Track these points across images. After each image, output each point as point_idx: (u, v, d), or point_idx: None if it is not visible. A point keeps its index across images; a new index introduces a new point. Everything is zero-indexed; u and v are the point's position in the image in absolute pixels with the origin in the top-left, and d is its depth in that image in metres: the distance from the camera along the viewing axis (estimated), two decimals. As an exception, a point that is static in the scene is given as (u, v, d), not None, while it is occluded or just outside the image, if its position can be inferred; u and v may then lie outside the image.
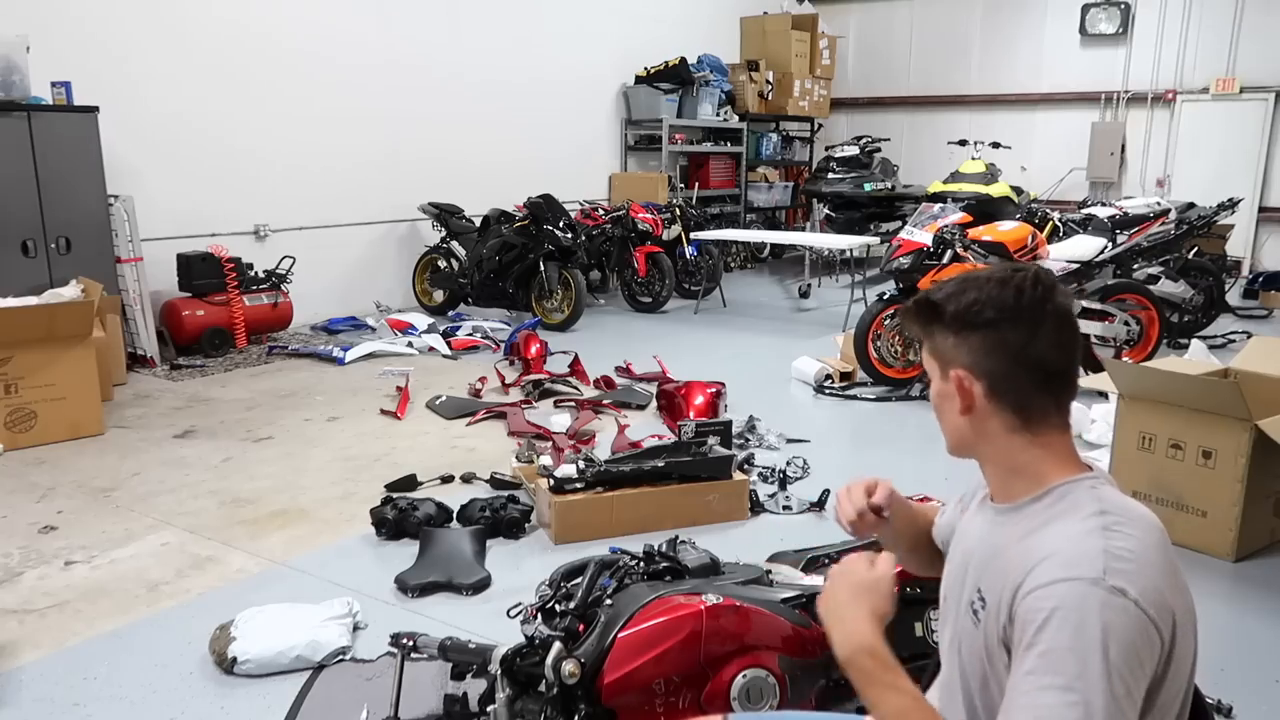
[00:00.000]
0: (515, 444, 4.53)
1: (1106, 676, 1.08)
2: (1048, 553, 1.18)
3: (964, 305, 1.29)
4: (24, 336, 4.56)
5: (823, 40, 11.91)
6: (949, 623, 1.40)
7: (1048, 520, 1.25)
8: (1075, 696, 1.07)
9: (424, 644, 2.12)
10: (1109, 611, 1.11)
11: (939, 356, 1.35)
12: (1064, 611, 1.11)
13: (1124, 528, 1.19)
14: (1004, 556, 1.26)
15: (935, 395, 1.37)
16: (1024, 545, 1.23)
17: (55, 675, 2.66)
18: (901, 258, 5.57)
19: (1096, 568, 1.13)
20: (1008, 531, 1.29)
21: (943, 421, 1.37)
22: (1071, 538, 1.19)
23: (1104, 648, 1.09)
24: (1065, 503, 1.26)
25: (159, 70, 6.57)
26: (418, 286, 8.34)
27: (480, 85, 8.80)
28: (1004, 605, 1.21)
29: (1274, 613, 3.03)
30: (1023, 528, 1.27)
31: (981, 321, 1.29)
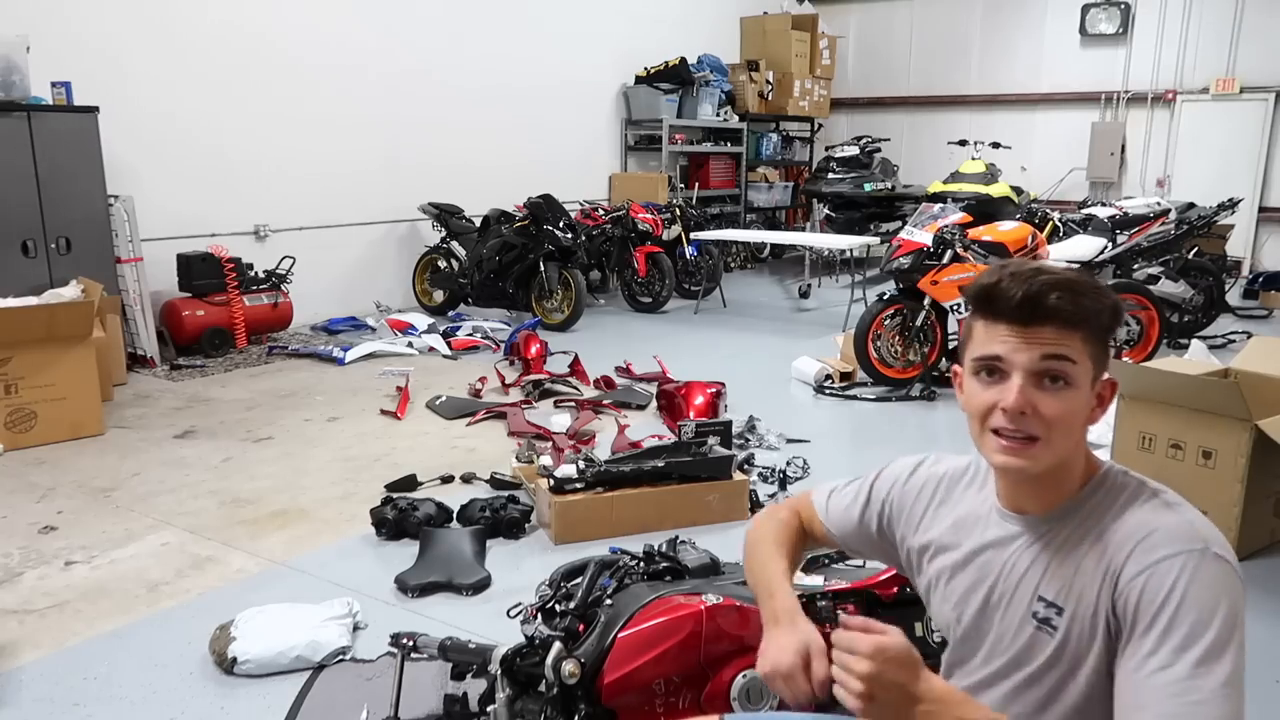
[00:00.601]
0: (515, 444, 4.53)
1: (1238, 641, 1.15)
2: (1140, 534, 1.18)
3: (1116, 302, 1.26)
4: (24, 336, 4.56)
5: (823, 40, 11.92)
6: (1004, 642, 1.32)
7: (1109, 510, 1.24)
8: (1225, 666, 1.14)
9: (424, 644, 2.12)
10: (1226, 578, 1.15)
11: (1099, 363, 1.25)
12: (1189, 585, 1.13)
13: (1182, 501, 1.23)
14: (1074, 558, 1.24)
15: (1075, 407, 1.22)
16: (1100, 538, 1.22)
17: (55, 675, 2.66)
18: (901, 258, 5.58)
19: (1198, 539, 1.16)
20: (1064, 534, 1.26)
21: (1071, 434, 1.23)
22: (1155, 516, 1.20)
23: (1232, 613, 1.14)
24: (1114, 491, 1.26)
25: (159, 71, 6.57)
26: (418, 286, 8.35)
27: (480, 85, 8.80)
28: (1102, 599, 1.19)
29: (1274, 613, 3.03)
30: (1084, 525, 1.25)
31: None
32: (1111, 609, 1.18)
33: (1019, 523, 1.32)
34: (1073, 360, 1.21)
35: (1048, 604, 1.25)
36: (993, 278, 1.24)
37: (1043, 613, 1.26)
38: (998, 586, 1.33)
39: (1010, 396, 1.21)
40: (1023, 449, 1.22)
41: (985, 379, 1.25)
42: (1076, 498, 1.27)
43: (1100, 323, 1.23)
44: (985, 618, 1.35)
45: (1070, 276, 1.23)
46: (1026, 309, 1.20)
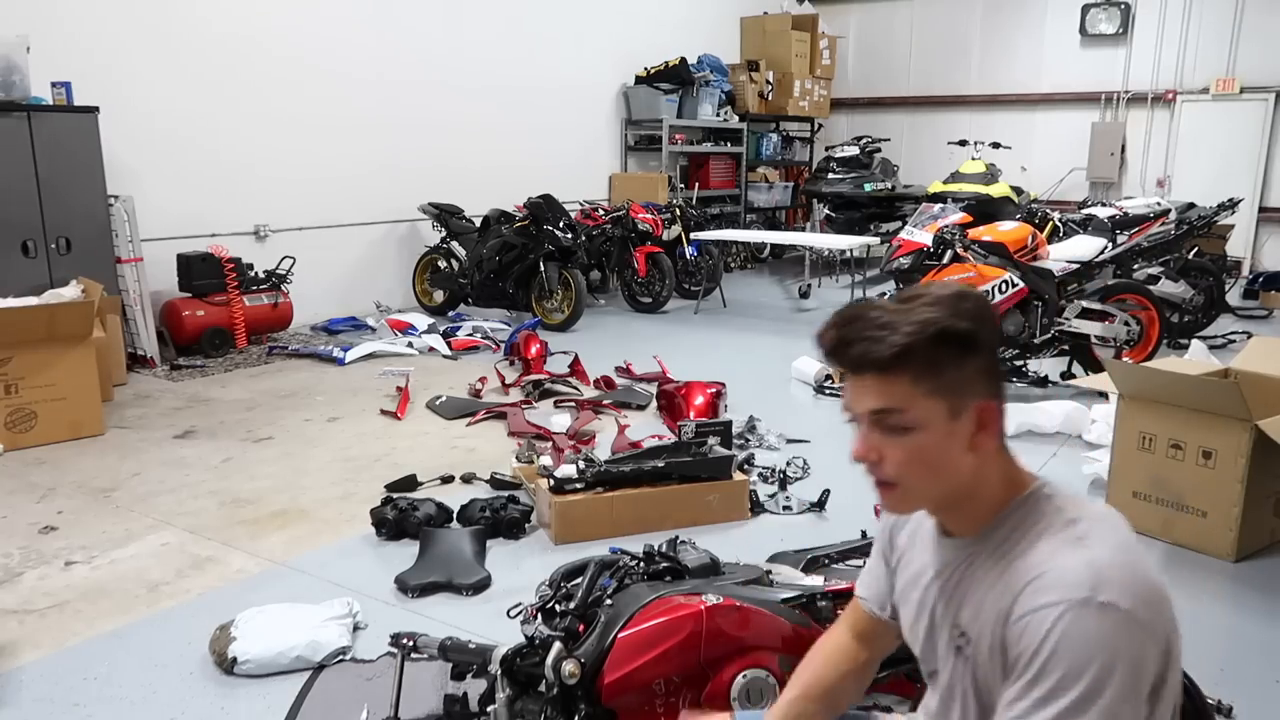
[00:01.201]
0: (515, 444, 4.53)
1: (1110, 698, 1.05)
2: (1032, 575, 1.13)
3: (986, 322, 1.17)
4: (24, 337, 4.56)
5: (823, 40, 11.92)
6: (941, 670, 1.33)
7: (1021, 540, 1.18)
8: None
9: (424, 644, 2.12)
10: (1105, 630, 1.06)
11: (952, 394, 1.16)
12: (1061, 638, 1.07)
13: (1096, 533, 1.14)
14: (982, 586, 1.20)
15: (926, 449, 1.16)
16: (1004, 571, 1.17)
17: (55, 675, 2.66)
18: (901, 258, 5.58)
19: (1085, 585, 1.08)
20: (980, 561, 1.22)
21: (936, 474, 1.18)
22: (1052, 556, 1.13)
23: (1106, 668, 1.05)
24: (1031, 517, 1.20)
25: (159, 71, 6.57)
26: (418, 287, 8.35)
27: (480, 86, 8.80)
28: (995, 636, 1.16)
29: (1274, 613, 3.03)
30: (996, 553, 1.20)
31: (991, 334, 1.19)
32: (1002, 648, 1.15)
33: (949, 546, 1.29)
34: (901, 409, 1.15)
35: (960, 632, 1.23)
36: (824, 327, 1.19)
37: (958, 640, 1.24)
38: (935, 611, 1.30)
39: (854, 446, 1.20)
40: (886, 494, 1.20)
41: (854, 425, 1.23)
42: (993, 522, 1.22)
43: (928, 357, 1.13)
44: (930, 642, 1.33)
45: (879, 318, 1.14)
46: (840, 362, 1.17)
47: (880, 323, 1.13)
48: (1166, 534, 3.49)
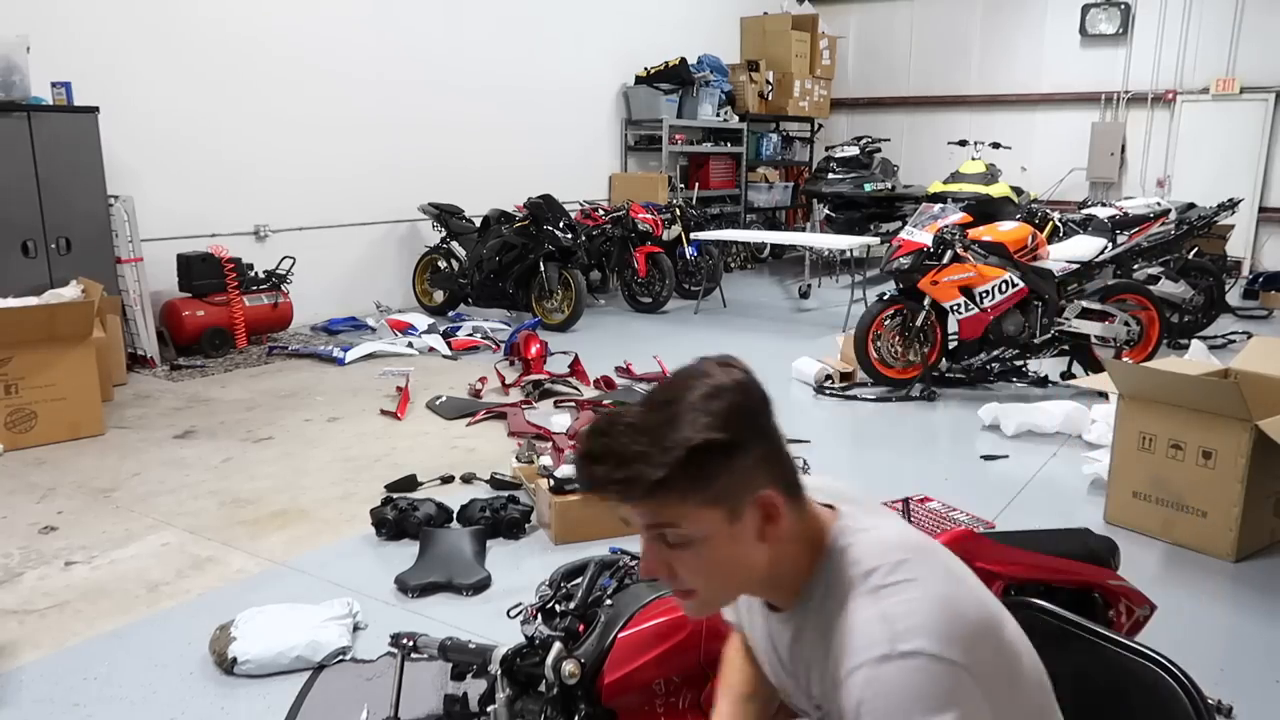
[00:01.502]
0: (515, 444, 4.53)
1: None
2: (841, 642, 1.07)
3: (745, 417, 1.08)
4: (24, 337, 4.56)
5: (823, 40, 11.92)
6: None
7: (832, 605, 1.11)
8: None
9: (424, 644, 2.12)
10: (912, 682, 1.00)
11: (728, 498, 1.08)
12: (867, 702, 1.01)
13: (896, 577, 1.08)
14: (816, 658, 1.15)
15: (714, 557, 1.10)
16: (826, 643, 1.11)
17: (55, 675, 2.66)
18: (902, 258, 5.58)
19: (880, 641, 1.02)
20: (806, 634, 1.17)
21: (731, 577, 1.13)
22: (855, 614, 1.07)
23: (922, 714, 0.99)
24: (834, 578, 1.13)
25: (159, 72, 6.57)
26: (418, 287, 8.35)
27: (480, 86, 8.80)
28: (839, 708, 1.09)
29: (1274, 613, 3.03)
30: (817, 626, 1.14)
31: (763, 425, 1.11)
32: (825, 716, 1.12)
33: (777, 621, 1.24)
34: (675, 525, 1.08)
35: (816, 705, 1.19)
36: (575, 457, 1.13)
37: (817, 713, 1.20)
38: (789, 682, 1.27)
39: (640, 564, 1.16)
40: (687, 601, 1.15)
41: None
42: (803, 594, 1.17)
43: (690, 476, 1.05)
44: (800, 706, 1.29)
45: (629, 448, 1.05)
46: (602, 496, 1.09)
47: (630, 454, 1.05)
48: (1166, 534, 3.49)
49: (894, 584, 1.07)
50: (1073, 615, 1.44)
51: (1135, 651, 1.35)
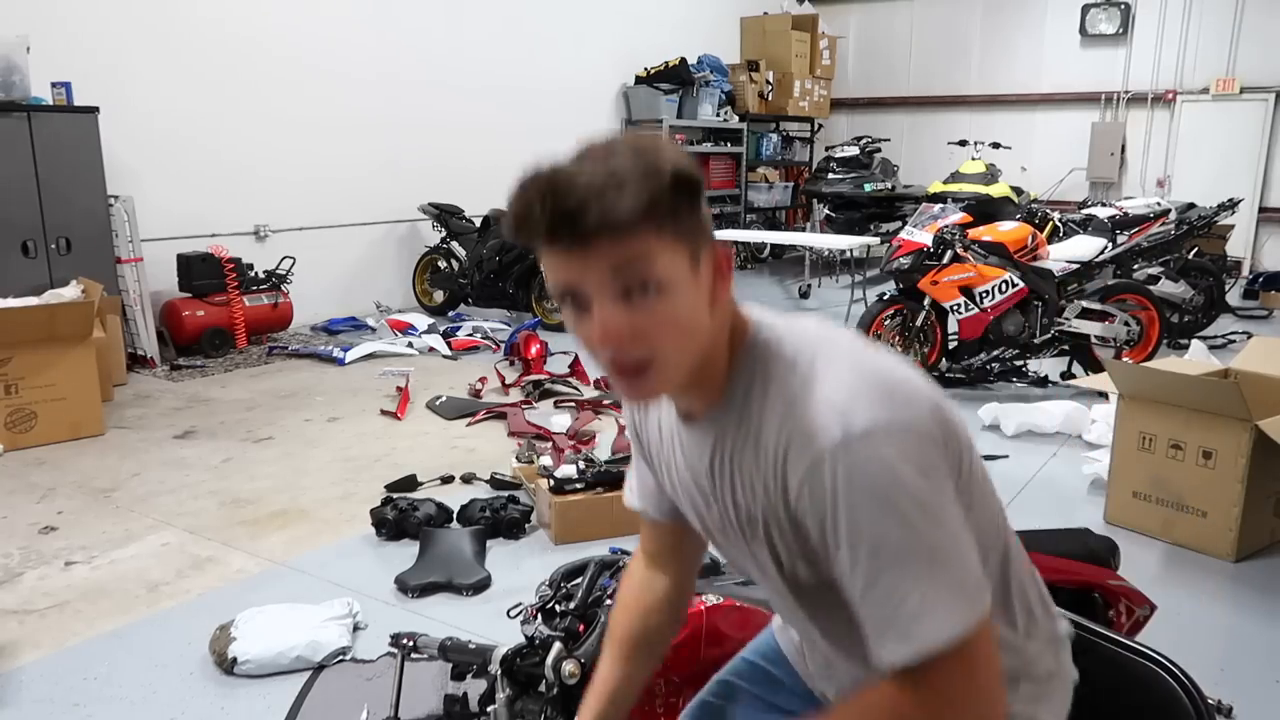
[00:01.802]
0: (515, 444, 4.53)
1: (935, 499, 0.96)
2: (782, 443, 1.00)
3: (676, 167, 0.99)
4: (24, 337, 4.56)
5: (823, 40, 11.91)
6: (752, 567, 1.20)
7: (758, 402, 1.05)
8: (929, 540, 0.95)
9: (424, 644, 2.12)
10: (880, 458, 0.94)
11: (693, 238, 1.01)
12: (844, 494, 0.95)
13: (819, 361, 1.02)
14: (746, 467, 1.07)
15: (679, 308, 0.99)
16: (756, 446, 1.04)
17: (55, 675, 2.66)
18: (902, 258, 5.57)
19: (834, 428, 0.96)
20: (730, 439, 1.08)
21: (690, 338, 1.01)
22: (795, 404, 1.00)
23: (909, 493, 0.95)
24: (758, 372, 1.06)
25: (160, 71, 6.57)
26: (418, 287, 8.35)
27: (480, 86, 8.80)
28: (783, 516, 1.04)
29: (1274, 613, 3.03)
30: (742, 428, 1.06)
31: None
32: (795, 526, 1.03)
33: (694, 432, 1.14)
34: (644, 261, 0.97)
35: (748, 517, 1.10)
36: (519, 204, 1.00)
37: (742, 519, 1.11)
38: (713, 507, 1.16)
39: (595, 330, 0.99)
40: (638, 380, 1.01)
41: (573, 308, 1.02)
42: (727, 389, 1.08)
43: (669, 205, 0.97)
44: (725, 540, 1.20)
45: (602, 174, 0.96)
46: (568, 229, 0.96)
47: (604, 178, 0.96)
48: (1166, 534, 3.49)
49: (823, 366, 1.01)
50: (1073, 615, 1.43)
51: (1135, 651, 1.35)
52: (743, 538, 1.14)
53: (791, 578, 1.11)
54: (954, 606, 0.95)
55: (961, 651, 0.95)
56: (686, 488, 1.20)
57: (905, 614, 0.94)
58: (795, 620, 1.24)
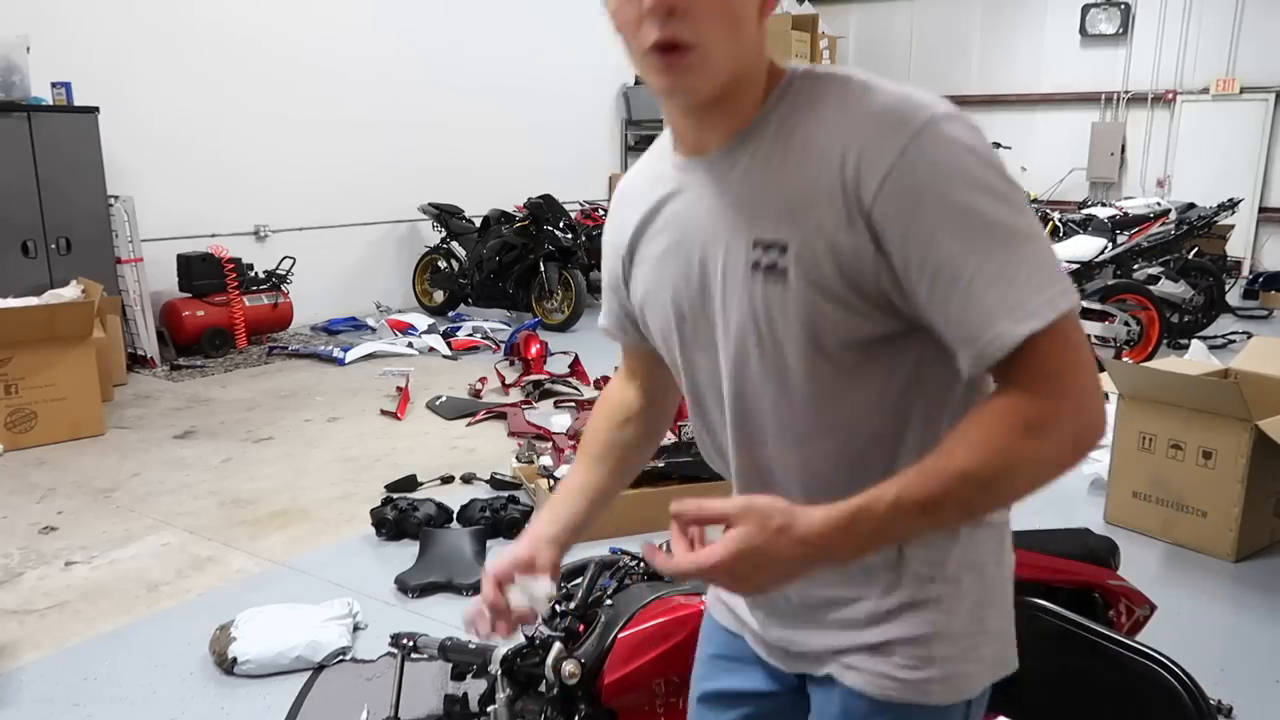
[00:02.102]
0: (515, 444, 4.53)
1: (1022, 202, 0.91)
2: (852, 143, 0.91)
3: None
4: (24, 337, 4.56)
5: (823, 40, 11.91)
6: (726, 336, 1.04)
7: (810, 107, 0.96)
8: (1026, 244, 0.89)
9: (424, 644, 2.11)
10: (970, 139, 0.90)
11: None
12: (943, 174, 0.88)
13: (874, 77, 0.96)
14: (777, 183, 0.95)
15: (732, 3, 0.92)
16: (813, 140, 0.93)
17: (55, 675, 2.66)
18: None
19: (918, 113, 0.90)
20: (758, 158, 0.97)
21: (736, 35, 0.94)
22: (856, 110, 0.92)
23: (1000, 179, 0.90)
24: (803, 95, 0.97)
25: (160, 71, 6.57)
26: (418, 287, 8.35)
27: (480, 86, 8.80)
28: (838, 211, 0.91)
29: (1274, 613, 3.03)
30: (785, 131, 0.96)
31: None
32: (868, 224, 0.90)
33: (701, 165, 1.02)
34: None
35: (767, 245, 0.96)
36: None
37: (765, 258, 0.96)
38: (706, 252, 1.02)
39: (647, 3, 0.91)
40: (677, 60, 0.92)
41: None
42: (761, 111, 0.98)
43: None
44: (706, 308, 1.05)
45: None
46: None
47: None
48: (1166, 534, 3.49)
49: (880, 81, 0.94)
50: (1073, 615, 1.43)
51: (1136, 651, 1.35)
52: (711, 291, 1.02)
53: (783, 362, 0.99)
54: (1060, 279, 0.90)
55: (1067, 329, 0.89)
56: (673, 246, 1.07)
57: (1018, 292, 0.87)
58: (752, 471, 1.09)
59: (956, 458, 0.88)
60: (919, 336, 0.96)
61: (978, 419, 0.91)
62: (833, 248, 0.92)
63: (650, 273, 1.12)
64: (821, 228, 0.92)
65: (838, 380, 0.98)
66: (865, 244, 0.91)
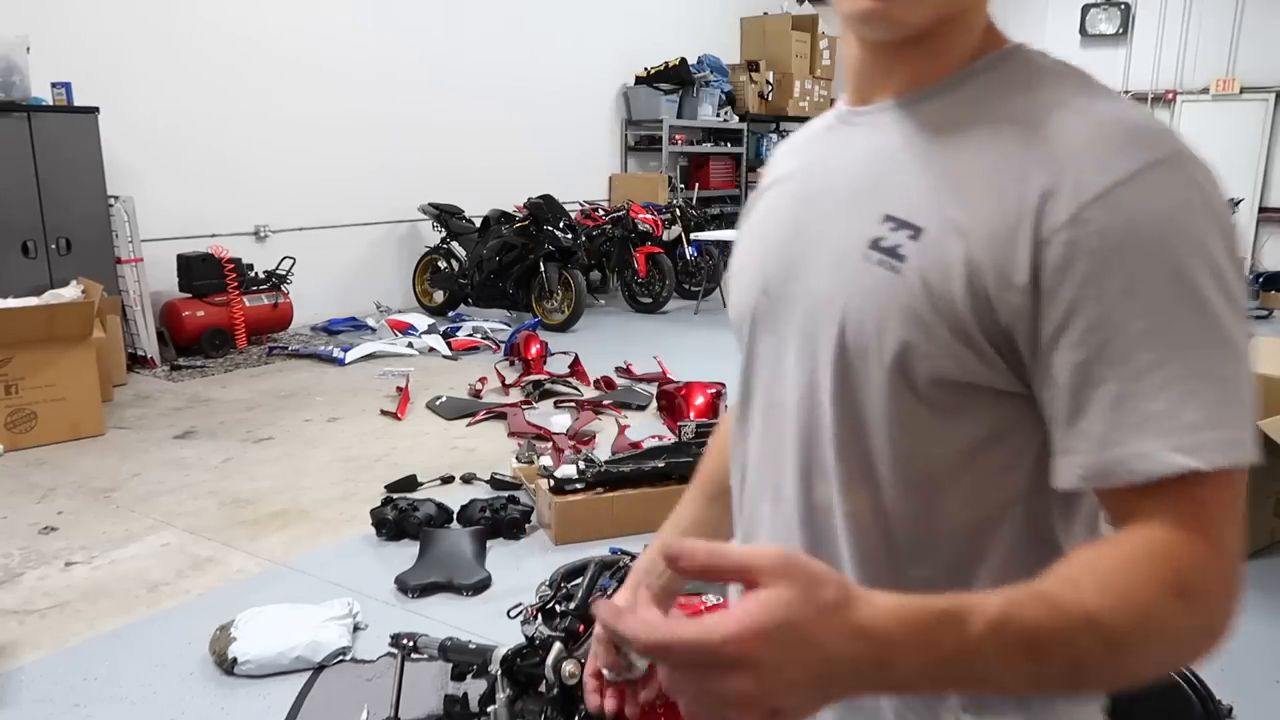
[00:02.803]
0: (515, 444, 4.53)
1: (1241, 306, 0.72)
2: (1083, 130, 0.70)
3: None
4: (24, 337, 4.56)
5: (823, 41, 11.92)
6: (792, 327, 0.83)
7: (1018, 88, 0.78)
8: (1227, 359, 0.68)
9: (424, 644, 2.11)
10: (1204, 199, 0.69)
11: None
12: (1182, 212, 0.67)
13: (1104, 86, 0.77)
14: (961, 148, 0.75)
15: None
16: (1006, 126, 0.74)
17: (55, 676, 2.66)
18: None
19: (1161, 137, 0.70)
20: (947, 114, 0.78)
21: None
22: (1095, 105, 0.72)
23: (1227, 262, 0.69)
24: (1020, 63, 0.81)
25: (160, 71, 6.57)
26: (418, 287, 8.35)
27: (480, 86, 8.80)
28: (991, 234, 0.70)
29: (1274, 613, 3.03)
30: (978, 103, 0.78)
31: None
32: (1035, 254, 0.68)
33: (865, 115, 0.83)
34: None
35: (898, 223, 0.75)
36: None
37: (889, 238, 0.75)
38: (818, 217, 0.82)
39: None
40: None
41: None
42: (962, 72, 0.81)
43: None
44: (791, 282, 0.83)
45: None
46: None
47: None
48: (1167, 534, 3.49)
49: (1111, 94, 0.75)
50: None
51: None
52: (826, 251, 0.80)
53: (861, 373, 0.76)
54: (1250, 422, 0.70)
55: (1237, 483, 0.71)
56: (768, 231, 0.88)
57: (1197, 414, 0.66)
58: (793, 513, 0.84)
59: (1085, 593, 0.63)
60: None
61: (1114, 554, 0.66)
62: (972, 259, 0.70)
63: (749, 233, 0.92)
64: (971, 229, 0.71)
65: (918, 418, 0.75)
66: (1018, 275, 0.69)
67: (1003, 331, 0.70)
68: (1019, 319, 0.69)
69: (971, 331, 0.71)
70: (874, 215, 0.77)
